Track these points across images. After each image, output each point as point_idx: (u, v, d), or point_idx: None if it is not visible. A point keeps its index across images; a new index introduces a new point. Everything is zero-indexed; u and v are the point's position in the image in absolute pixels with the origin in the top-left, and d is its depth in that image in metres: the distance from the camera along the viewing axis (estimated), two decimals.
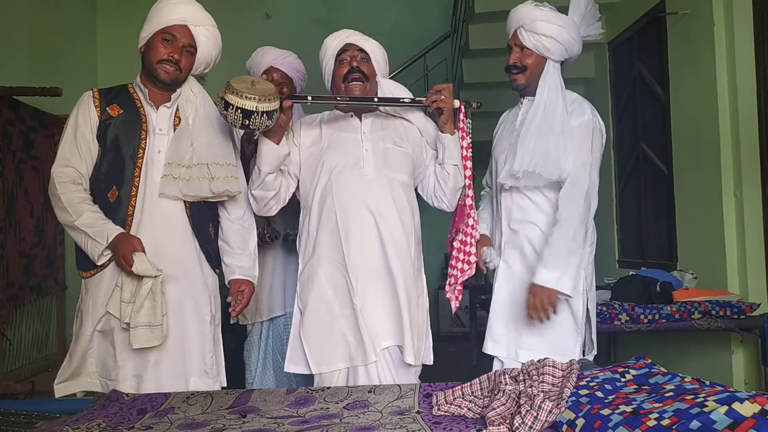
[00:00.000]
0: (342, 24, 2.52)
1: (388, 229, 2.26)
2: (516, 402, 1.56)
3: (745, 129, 3.47)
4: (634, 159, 4.86)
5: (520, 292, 2.37)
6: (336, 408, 1.81)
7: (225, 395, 1.94)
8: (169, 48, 2.22)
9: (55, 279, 4.16)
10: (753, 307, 3.28)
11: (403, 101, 2.35)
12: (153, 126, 2.23)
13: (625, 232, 5.19)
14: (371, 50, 2.40)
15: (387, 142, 2.34)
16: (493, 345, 2.45)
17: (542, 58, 2.39)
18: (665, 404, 1.35)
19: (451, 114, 2.34)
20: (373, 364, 2.20)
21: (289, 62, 2.85)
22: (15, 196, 3.72)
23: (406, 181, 2.36)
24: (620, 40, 5.04)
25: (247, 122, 2.08)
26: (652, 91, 4.54)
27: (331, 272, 2.27)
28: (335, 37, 2.41)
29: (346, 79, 2.34)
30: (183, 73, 2.25)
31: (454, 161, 2.35)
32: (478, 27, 5.24)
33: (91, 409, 1.82)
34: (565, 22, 2.38)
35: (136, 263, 2.06)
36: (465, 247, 2.41)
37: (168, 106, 2.27)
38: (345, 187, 2.27)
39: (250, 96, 2.05)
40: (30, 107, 3.88)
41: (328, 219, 2.27)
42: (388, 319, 2.24)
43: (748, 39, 3.47)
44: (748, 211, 3.47)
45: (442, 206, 2.44)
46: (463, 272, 2.41)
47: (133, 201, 2.18)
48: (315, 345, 2.26)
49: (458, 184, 2.39)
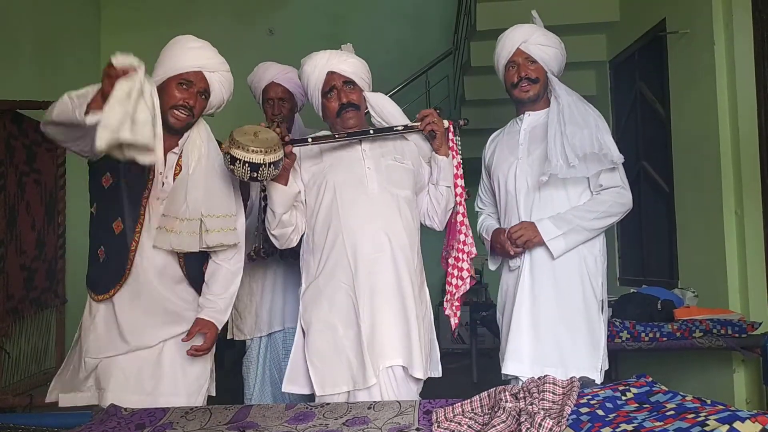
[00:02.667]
0: (345, 41, 2.52)
1: (398, 246, 2.26)
2: (516, 420, 1.55)
3: (745, 147, 3.47)
4: (634, 176, 4.86)
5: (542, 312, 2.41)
6: (335, 424, 1.80)
7: (224, 410, 1.93)
8: (184, 93, 2.19)
9: (55, 292, 4.16)
10: (754, 326, 3.27)
11: (397, 129, 2.36)
12: (157, 173, 2.22)
13: (625, 250, 5.18)
14: (354, 72, 2.37)
15: (388, 159, 2.35)
16: (517, 365, 2.42)
17: (545, 71, 2.49)
18: (666, 423, 1.34)
19: (443, 136, 2.38)
20: (376, 386, 2.17)
21: (289, 77, 2.87)
22: (17, 209, 3.73)
23: (409, 197, 2.36)
24: (621, 59, 5.07)
25: (255, 175, 2.07)
26: (653, 109, 4.55)
27: (336, 292, 2.25)
28: (314, 66, 2.35)
29: (339, 115, 2.35)
30: (195, 117, 2.24)
31: (448, 183, 2.39)
32: (479, 44, 5.28)
33: (89, 423, 1.81)
34: (556, 36, 2.53)
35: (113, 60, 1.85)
36: (458, 263, 2.42)
37: (175, 152, 2.24)
38: (351, 205, 2.27)
39: (256, 149, 2.04)
40: (33, 121, 3.89)
41: (334, 237, 2.26)
42: (397, 338, 2.21)
43: (749, 58, 3.49)
44: (749, 229, 3.47)
45: (434, 225, 2.47)
46: (458, 288, 2.42)
47: (137, 237, 2.18)
48: (320, 367, 2.23)
49: (450, 204, 2.43)
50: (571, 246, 2.40)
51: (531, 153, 2.49)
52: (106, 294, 2.19)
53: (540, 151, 2.45)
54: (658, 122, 4.48)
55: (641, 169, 4.75)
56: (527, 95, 2.50)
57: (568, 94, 2.46)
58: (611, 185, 2.43)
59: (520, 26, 2.53)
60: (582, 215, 2.40)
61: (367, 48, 2.46)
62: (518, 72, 2.49)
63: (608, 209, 2.41)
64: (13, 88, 3.95)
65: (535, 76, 2.48)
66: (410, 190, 2.37)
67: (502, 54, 2.52)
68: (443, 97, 6.62)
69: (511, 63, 2.51)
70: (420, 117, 2.37)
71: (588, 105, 2.48)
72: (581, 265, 2.44)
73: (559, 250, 2.39)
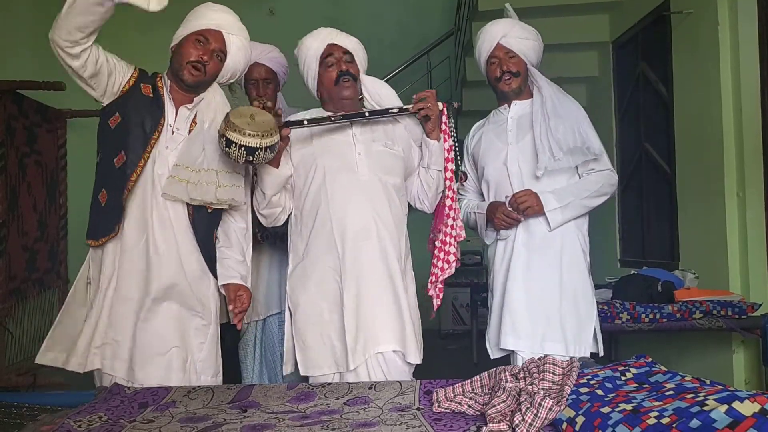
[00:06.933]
0: (347, 22, 2.52)
1: (387, 232, 2.27)
2: (516, 399, 1.56)
3: (748, 129, 3.46)
4: (636, 158, 4.85)
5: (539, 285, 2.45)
6: (336, 404, 1.81)
7: (226, 390, 1.94)
8: (200, 50, 2.22)
9: (57, 273, 4.17)
10: (754, 307, 3.28)
11: (391, 111, 2.35)
12: (167, 122, 2.23)
13: (626, 232, 5.18)
14: (354, 49, 2.39)
15: (379, 144, 2.34)
16: (515, 340, 2.45)
17: (524, 63, 2.57)
18: (665, 403, 1.35)
19: (437, 121, 2.36)
20: (363, 370, 2.17)
21: (272, 57, 2.84)
22: (18, 190, 3.73)
23: (398, 184, 2.37)
24: (624, 39, 5.03)
25: (251, 158, 2.06)
26: (656, 91, 4.53)
27: (323, 276, 2.26)
28: (315, 37, 2.38)
29: (337, 82, 2.34)
30: (208, 77, 2.25)
31: (439, 166, 2.39)
32: (481, 25, 5.19)
33: (93, 402, 1.83)
34: (533, 29, 2.61)
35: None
36: (445, 246, 2.42)
37: (189, 108, 2.26)
38: (340, 190, 2.27)
39: (253, 133, 2.03)
40: (33, 101, 3.88)
41: (322, 221, 2.27)
42: (389, 323, 2.22)
43: (753, 39, 3.46)
44: (750, 211, 3.47)
45: (424, 208, 2.48)
46: (443, 271, 2.41)
47: (138, 170, 2.16)
48: (304, 348, 2.26)
49: (440, 187, 2.43)
50: (567, 219, 2.47)
51: (520, 139, 2.55)
52: (110, 234, 2.16)
53: (529, 137, 2.52)
54: (660, 103, 4.46)
55: (643, 151, 4.74)
56: (510, 87, 2.57)
57: (549, 85, 2.55)
58: (601, 169, 2.54)
59: (498, 21, 2.61)
60: (579, 192, 2.49)
61: (368, 29, 2.45)
62: (500, 66, 2.56)
63: (600, 189, 2.52)
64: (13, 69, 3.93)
65: (516, 70, 2.55)
66: (399, 177, 2.37)
67: (483, 49, 2.59)
68: (444, 79, 6.58)
69: (492, 58, 2.58)
70: (417, 99, 2.35)
71: (568, 96, 2.56)
72: (581, 240, 2.53)
73: (556, 222, 2.45)
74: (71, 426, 1.60)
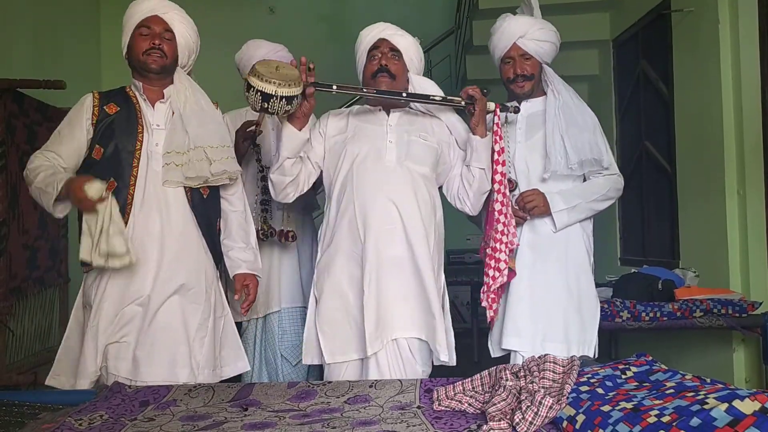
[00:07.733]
0: (346, 20, 2.53)
1: (411, 221, 2.26)
2: (516, 398, 1.56)
3: (749, 127, 3.46)
4: (637, 156, 4.85)
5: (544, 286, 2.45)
6: (337, 402, 1.82)
7: (227, 388, 1.94)
8: (148, 38, 2.29)
9: (58, 271, 4.17)
10: (755, 306, 3.27)
11: (433, 98, 2.34)
12: (149, 121, 2.28)
13: (627, 230, 5.18)
14: (404, 47, 2.40)
15: (412, 135, 2.34)
16: (517, 340, 2.45)
17: (539, 63, 2.53)
18: (666, 401, 1.35)
19: (482, 116, 2.34)
20: (384, 356, 2.19)
21: (281, 56, 2.85)
22: (18, 188, 3.72)
23: (427, 173, 2.35)
24: (624, 38, 5.03)
25: (266, 105, 2.10)
26: (656, 89, 4.52)
27: (347, 262, 2.28)
28: (371, 30, 2.43)
29: (374, 75, 2.36)
30: (169, 59, 2.31)
31: (482, 165, 2.34)
32: (482, 23, 5.24)
33: (94, 400, 1.83)
34: (552, 27, 2.55)
35: (86, 189, 2.01)
36: (495, 253, 2.35)
37: (164, 102, 2.32)
38: (365, 176, 2.28)
39: (272, 80, 2.08)
40: (34, 100, 3.87)
41: (347, 208, 2.28)
42: (407, 311, 2.22)
43: (753, 37, 3.45)
44: (750, 209, 3.46)
45: (465, 209, 2.44)
46: (495, 279, 2.36)
47: (132, 189, 2.21)
48: (329, 335, 2.27)
49: (483, 188, 2.37)
50: (572, 221, 2.47)
51: (529, 137, 2.53)
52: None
53: (539, 135, 2.51)
54: (661, 102, 4.46)
55: (643, 149, 4.73)
56: (523, 91, 2.55)
57: (566, 89, 2.53)
58: (609, 173, 2.54)
59: (518, 19, 2.55)
60: (586, 195, 2.48)
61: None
62: (514, 68, 2.53)
63: (607, 193, 2.53)
64: (14, 68, 3.92)
65: (530, 73, 2.53)
66: (429, 167, 2.35)
67: (498, 47, 2.56)
68: (445, 77, 6.57)
69: (507, 58, 2.54)
70: (465, 93, 2.34)
71: (583, 102, 2.55)
72: (585, 241, 2.53)
73: (561, 224, 2.45)
74: (72, 424, 1.61)
